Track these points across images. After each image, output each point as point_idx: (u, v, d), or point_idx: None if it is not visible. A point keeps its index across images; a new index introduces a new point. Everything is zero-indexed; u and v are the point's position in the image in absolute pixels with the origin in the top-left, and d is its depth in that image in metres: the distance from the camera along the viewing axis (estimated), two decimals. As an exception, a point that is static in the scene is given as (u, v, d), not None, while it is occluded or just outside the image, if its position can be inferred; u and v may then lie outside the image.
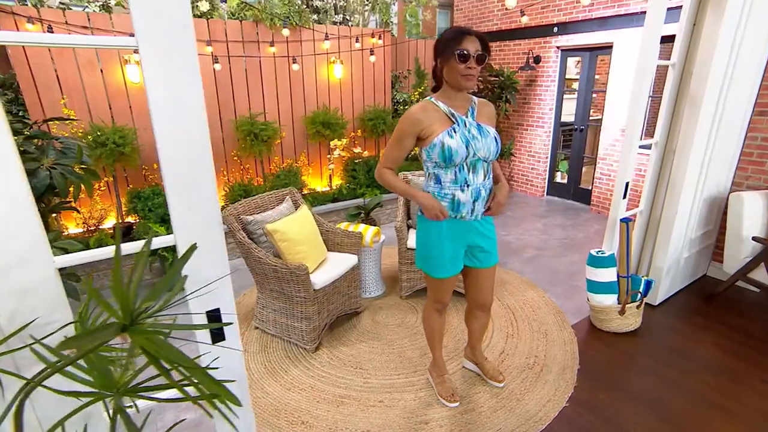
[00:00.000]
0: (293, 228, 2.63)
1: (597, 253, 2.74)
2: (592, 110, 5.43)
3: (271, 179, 4.40)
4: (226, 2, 3.81)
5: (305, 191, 4.66)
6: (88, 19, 3.49)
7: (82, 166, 2.84)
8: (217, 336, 1.30)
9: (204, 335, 1.28)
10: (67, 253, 2.57)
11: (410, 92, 5.18)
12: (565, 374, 2.35)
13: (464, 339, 2.69)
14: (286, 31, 4.12)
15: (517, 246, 4.20)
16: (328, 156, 4.80)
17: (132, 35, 0.97)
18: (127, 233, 3.58)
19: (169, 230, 3.25)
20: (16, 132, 2.68)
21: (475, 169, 1.74)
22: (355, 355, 2.56)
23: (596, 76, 5.31)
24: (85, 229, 3.63)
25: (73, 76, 3.53)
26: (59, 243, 2.64)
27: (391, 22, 5.87)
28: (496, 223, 4.85)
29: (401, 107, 5.27)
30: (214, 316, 1.27)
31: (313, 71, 4.69)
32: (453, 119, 1.70)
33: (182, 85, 1.05)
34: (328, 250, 2.97)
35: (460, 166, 1.71)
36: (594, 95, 5.39)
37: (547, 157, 5.77)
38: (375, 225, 3.34)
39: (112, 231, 3.62)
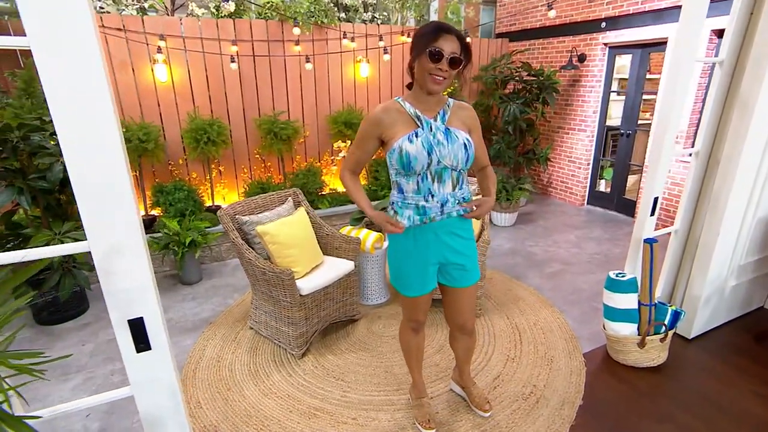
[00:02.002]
0: (286, 231, 2.58)
1: (616, 275, 2.44)
2: (641, 113, 4.93)
3: (291, 178, 4.41)
4: (228, 1, 3.84)
5: (325, 191, 4.63)
6: (122, 21, 3.67)
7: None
8: (142, 345, 1.26)
9: (127, 345, 1.24)
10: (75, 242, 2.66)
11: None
12: (563, 410, 2.10)
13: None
14: (297, 30, 4.10)
15: (542, 259, 3.89)
16: (332, 157, 4.73)
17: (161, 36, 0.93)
18: (149, 226, 3.73)
19: (184, 225, 3.34)
20: (43, 131, 2.84)
21: (441, 178, 1.57)
22: (340, 366, 2.47)
23: (648, 76, 4.80)
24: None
25: (108, 75, 3.72)
26: (73, 234, 2.78)
27: (425, 19, 5.69)
28: (524, 232, 4.55)
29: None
30: (137, 324, 1.23)
31: (338, 70, 4.64)
32: (418, 122, 1.54)
33: (82, 86, 1.00)
34: (327, 255, 2.90)
35: (423, 174, 1.55)
36: (644, 97, 4.88)
37: (588, 164, 5.32)
38: (379, 230, 3.22)
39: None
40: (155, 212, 3.96)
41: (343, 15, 4.76)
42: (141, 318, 1.22)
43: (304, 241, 2.67)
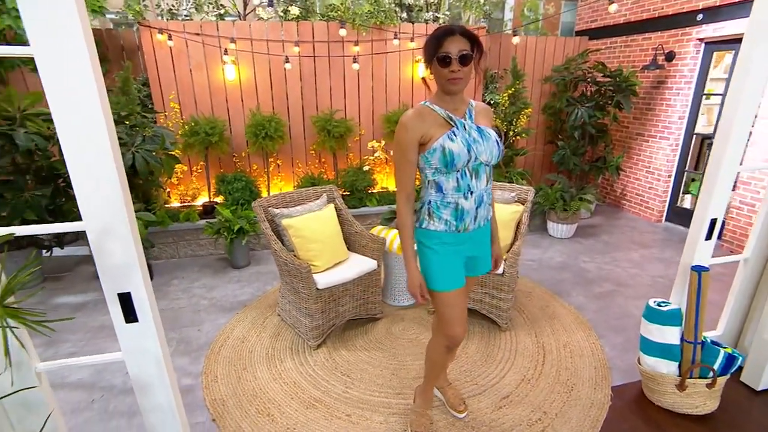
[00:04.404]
0: (311, 225, 2.68)
1: (657, 304, 2.15)
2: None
3: (342, 175, 4.54)
4: (273, 6, 4.02)
5: (374, 190, 4.70)
6: (201, 27, 4.08)
7: (167, 151, 3.35)
8: (130, 317, 1.41)
9: (117, 315, 1.39)
10: (144, 223, 3.01)
11: (501, 93, 4.76)
12: (571, 443, 1.92)
13: (470, 368, 2.40)
14: (343, 32, 4.18)
15: (593, 277, 3.55)
16: (367, 156, 4.74)
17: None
18: (210, 212, 4.11)
19: (236, 213, 3.63)
20: (124, 124, 3.27)
21: (478, 174, 1.61)
22: (350, 362, 2.51)
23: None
24: (181, 204, 4.29)
25: (186, 76, 4.17)
26: (139, 214, 3.17)
27: (496, 17, 5.47)
28: (581, 246, 4.19)
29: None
30: (125, 298, 1.38)
31: (396, 70, 4.67)
32: (451, 122, 1.57)
33: (76, 84, 1.14)
34: (354, 252, 2.95)
35: (462, 171, 1.59)
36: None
37: (670, 176, 4.72)
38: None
39: (201, 208, 4.20)
40: (218, 200, 4.34)
41: (405, 15, 4.76)
42: (129, 293, 1.37)
43: (328, 236, 2.75)
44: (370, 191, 4.60)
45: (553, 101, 5.19)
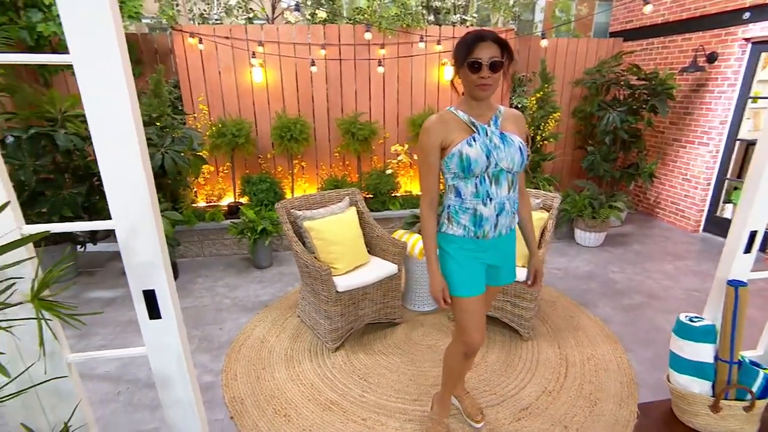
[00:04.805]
0: (332, 228, 2.72)
1: (689, 319, 2.08)
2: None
3: (366, 178, 4.58)
4: (299, 10, 4.08)
5: (398, 193, 4.71)
6: (230, 30, 4.21)
7: (194, 152, 3.47)
8: (153, 313, 1.47)
9: (142, 312, 1.46)
10: (171, 222, 3.12)
11: (529, 96, 4.69)
12: (592, 460, 1.87)
13: (489, 377, 2.38)
14: (368, 35, 4.21)
15: (622, 288, 3.45)
16: (390, 160, 4.74)
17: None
18: (235, 212, 4.22)
19: (260, 214, 3.72)
20: (155, 125, 3.41)
21: (498, 180, 1.61)
22: (368, 366, 2.53)
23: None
24: (207, 203, 4.43)
25: (214, 78, 4.31)
26: (167, 213, 3.29)
27: (526, 19, 5.40)
28: (610, 255, 4.08)
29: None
30: (150, 295, 1.44)
31: (422, 73, 4.68)
32: (474, 128, 1.59)
33: (109, 90, 1.21)
34: (375, 256, 2.97)
35: (482, 177, 1.60)
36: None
37: (708, 184, 4.53)
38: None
39: (226, 208, 4.33)
40: (243, 200, 4.45)
41: (431, 18, 4.77)
42: (153, 290, 1.43)
43: (349, 239, 2.78)
44: (393, 194, 4.62)
45: (584, 105, 5.08)
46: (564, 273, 3.75)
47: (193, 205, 4.39)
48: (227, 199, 4.55)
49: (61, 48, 3.65)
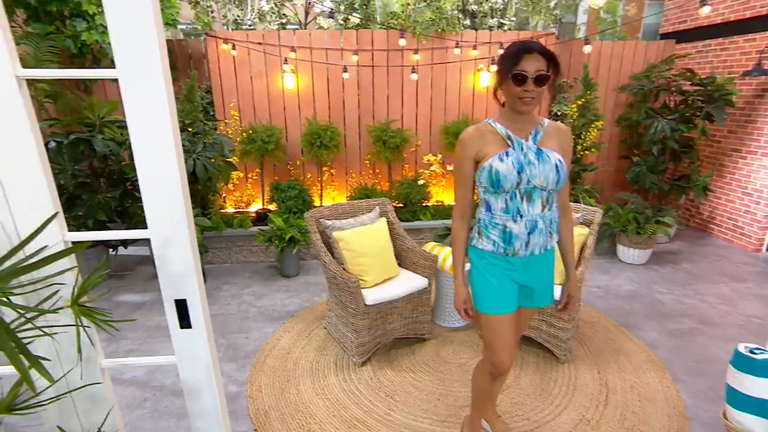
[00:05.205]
0: (361, 239, 2.76)
1: (750, 350, 1.98)
2: None
3: (396, 186, 4.61)
4: (333, 17, 4.17)
5: (429, 203, 4.72)
6: (263, 36, 4.36)
7: (225, 158, 3.60)
8: (184, 322, 1.54)
9: (173, 321, 1.53)
10: (200, 228, 3.26)
11: (570, 104, 4.61)
12: (635, 498, 1.81)
13: (522, 401, 2.34)
14: (402, 41, 4.25)
15: (670, 310, 3.31)
16: (422, 171, 4.73)
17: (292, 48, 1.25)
18: (263, 219, 4.34)
19: (288, 222, 3.82)
20: (187, 131, 3.57)
21: (531, 198, 1.61)
22: (395, 383, 2.54)
23: None
24: (236, 209, 4.58)
25: (246, 84, 4.47)
26: (196, 219, 3.42)
27: (567, 21, 5.33)
28: (656, 274, 3.94)
29: (558, 121, 4.75)
30: (181, 304, 1.51)
31: (457, 79, 4.69)
32: (509, 142, 1.60)
33: (152, 106, 1.29)
34: (404, 268, 2.99)
35: (512, 193, 1.61)
36: None
37: (771, 199, 4.30)
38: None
39: (254, 215, 4.45)
40: (271, 207, 4.57)
41: (468, 22, 4.78)
42: (185, 299, 1.50)
43: (379, 251, 2.81)
44: (424, 204, 4.63)
45: (630, 112, 4.94)
46: (605, 292, 3.65)
47: (222, 211, 4.55)
48: (255, 206, 4.69)
49: (102, 55, 3.89)
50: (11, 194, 1.29)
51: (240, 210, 4.61)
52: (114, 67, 1.23)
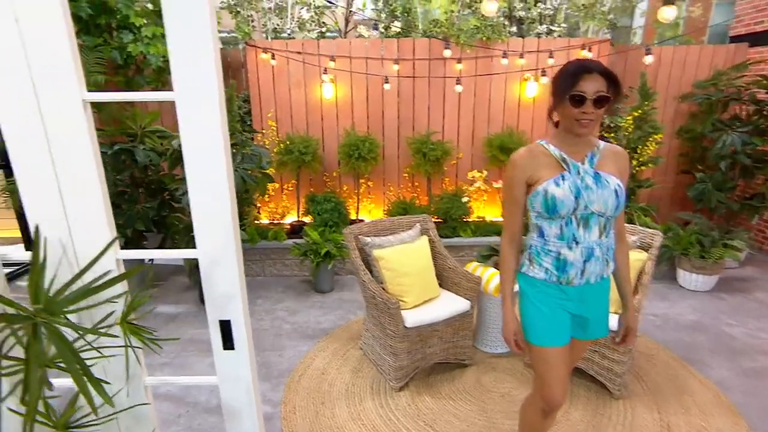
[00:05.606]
0: (401, 258, 2.78)
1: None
2: None
3: (436, 201, 4.62)
4: (378, 29, 4.23)
5: (470, 218, 4.69)
6: (302, 45, 4.50)
7: (262, 170, 3.72)
8: (227, 344, 1.60)
9: (217, 342, 1.59)
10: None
11: (625, 115, 4.48)
12: None
13: (573, 444, 2.28)
14: (448, 52, 4.27)
15: (742, 346, 3.14)
16: (465, 187, 4.68)
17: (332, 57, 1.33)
18: (298, 231, 4.44)
19: (323, 236, 3.90)
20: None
21: (588, 224, 1.59)
22: (434, 411, 2.52)
23: None
24: (270, 221, 4.70)
25: (284, 93, 4.61)
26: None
27: (622, 25, 5.22)
28: (724, 303, 3.75)
29: (609, 135, 4.63)
30: (225, 325, 1.57)
31: (501, 89, 4.66)
32: (564, 165, 1.59)
33: (207, 128, 1.36)
34: (445, 289, 2.98)
35: (568, 219, 1.59)
36: None
37: None
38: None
39: (288, 227, 4.56)
40: (306, 219, 4.67)
41: (514, 29, 4.76)
42: (229, 320, 1.56)
43: (420, 270, 2.82)
44: (465, 220, 4.61)
45: (693, 124, 4.76)
46: (663, 320, 3.50)
47: (256, 222, 4.68)
48: (290, 218, 4.80)
49: (145, 65, 4.12)
50: (70, 211, 1.38)
51: (275, 222, 4.73)
52: (160, 79, 1.32)
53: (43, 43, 1.18)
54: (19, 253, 4.79)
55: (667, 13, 3.33)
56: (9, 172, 4.37)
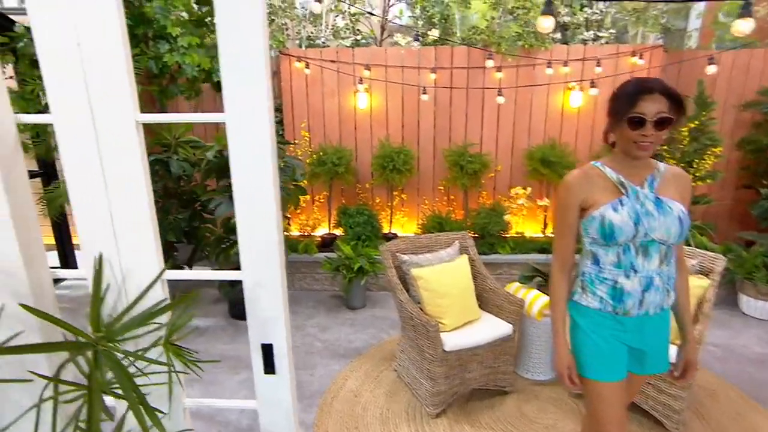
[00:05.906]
0: (440, 278, 2.75)
1: None
2: None
3: (473, 216, 4.57)
4: (419, 41, 4.23)
5: (508, 234, 4.62)
6: (336, 54, 4.57)
7: (295, 183, 3.78)
8: (269, 368, 1.61)
9: (258, 365, 1.61)
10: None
11: (679, 127, 4.35)
12: None
13: (627, 486, 2.18)
14: (490, 62, 4.25)
15: (814, 382, 2.97)
16: (508, 204, 4.60)
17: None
18: (329, 244, 4.47)
19: (356, 250, 3.92)
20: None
21: (647, 252, 1.54)
22: (474, 442, 2.48)
23: None
24: (301, 233, 4.76)
25: (318, 103, 4.68)
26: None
27: (676, 28, 5.09)
28: (793, 335, 3.56)
29: (661, 147, 4.49)
30: (267, 349, 1.59)
31: (544, 99, 4.61)
32: (623, 189, 1.54)
33: (255, 150, 1.39)
34: (487, 311, 2.94)
35: (626, 246, 1.54)
36: None
37: None
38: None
39: (319, 239, 4.60)
40: (337, 232, 4.70)
41: (558, 35, 4.70)
42: (271, 344, 1.58)
43: (459, 291, 2.79)
44: (503, 236, 4.55)
45: (757, 135, 4.58)
46: (725, 351, 3.35)
47: (286, 233, 4.74)
48: (321, 230, 4.84)
49: (180, 75, 4.25)
50: (119, 229, 1.43)
51: (305, 234, 4.79)
52: (193, 88, 1.35)
53: (102, 65, 1.22)
54: (53, 261, 4.99)
55: (743, 26, 3.14)
56: (47, 180, 4.58)
